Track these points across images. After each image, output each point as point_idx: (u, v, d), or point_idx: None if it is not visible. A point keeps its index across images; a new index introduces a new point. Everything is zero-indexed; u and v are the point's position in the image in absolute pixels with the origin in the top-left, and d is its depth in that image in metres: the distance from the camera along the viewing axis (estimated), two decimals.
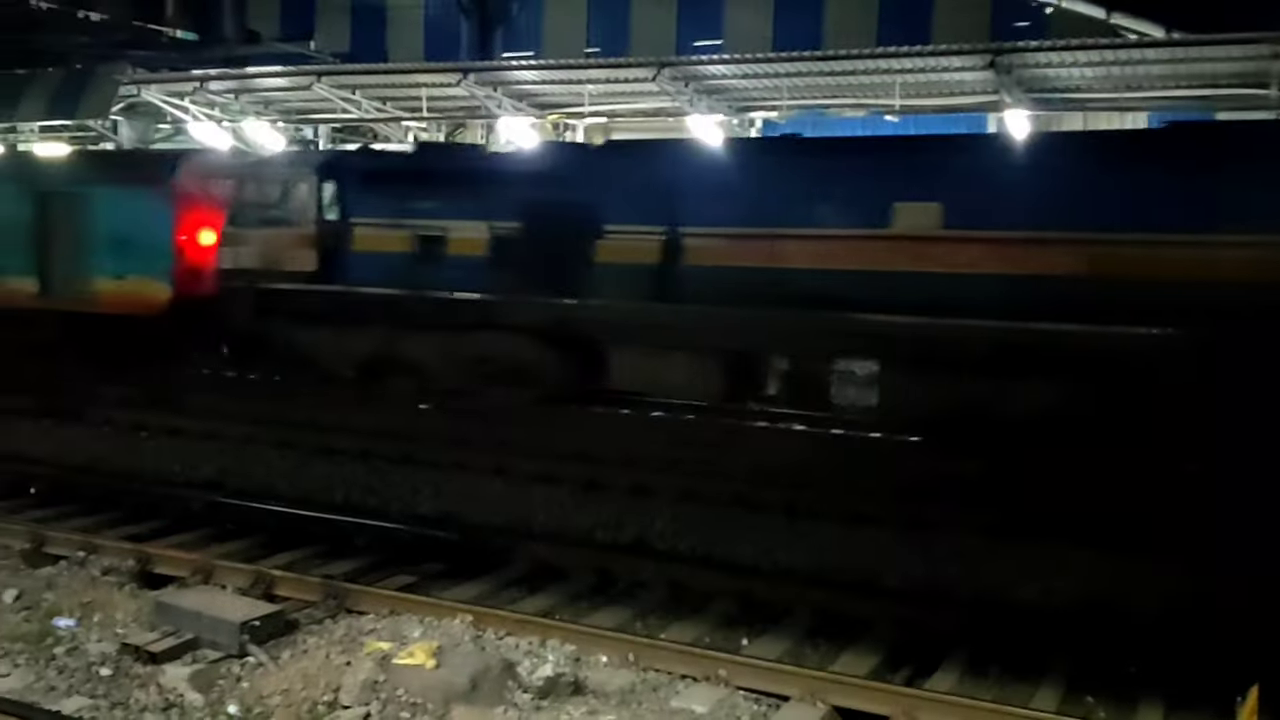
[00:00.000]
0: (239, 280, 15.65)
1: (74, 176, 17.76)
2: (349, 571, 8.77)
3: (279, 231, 15.53)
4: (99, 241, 16.52)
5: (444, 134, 27.68)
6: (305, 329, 15.18)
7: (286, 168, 16.20)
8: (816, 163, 12.79)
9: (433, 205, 14.64)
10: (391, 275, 14.51)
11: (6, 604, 8.10)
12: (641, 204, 13.25)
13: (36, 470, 11.88)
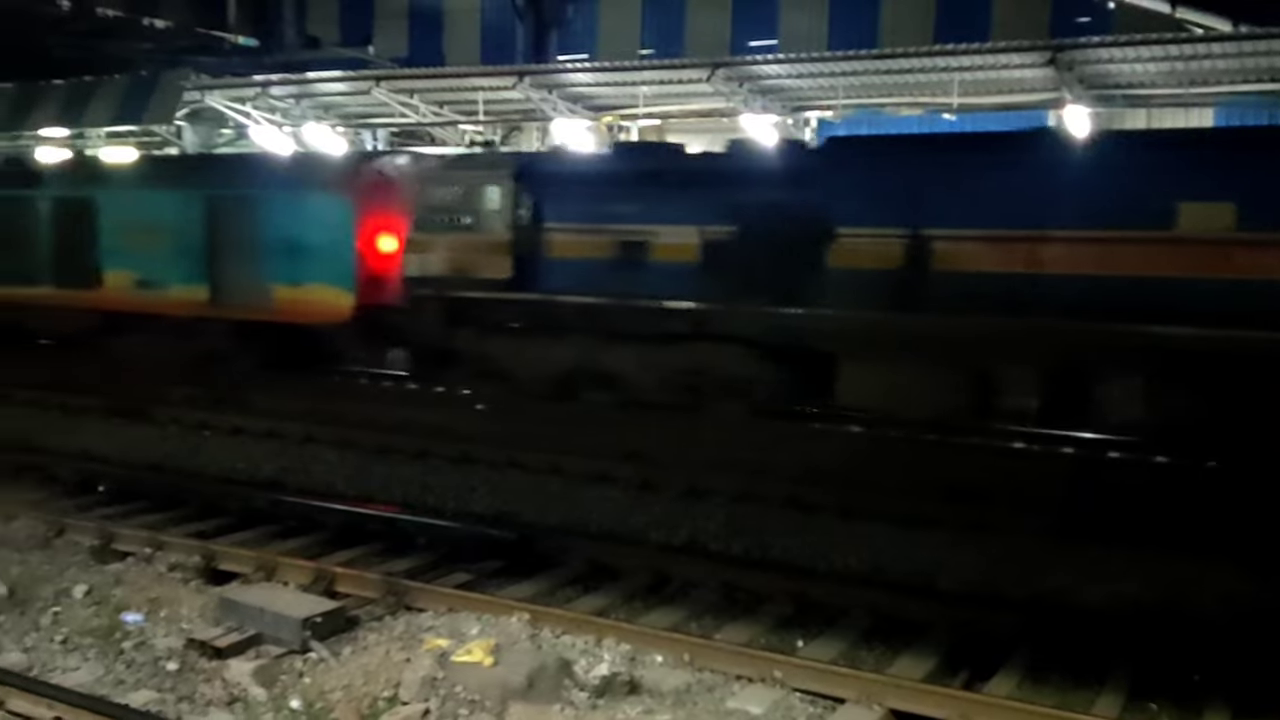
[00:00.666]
0: (425, 288, 14.98)
1: (246, 179, 17.45)
2: (408, 569, 8.88)
3: (469, 237, 14.82)
4: (274, 248, 16.14)
5: (500, 137, 27.86)
6: (498, 340, 14.52)
7: (477, 170, 15.46)
8: (1090, 158, 11.76)
9: (636, 208, 13.75)
10: (589, 283, 13.75)
11: (77, 599, 8.30)
12: (881, 203, 12.16)
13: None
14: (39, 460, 12.46)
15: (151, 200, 17.59)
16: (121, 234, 17.73)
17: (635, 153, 15.69)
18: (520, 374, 14.43)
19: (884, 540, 9.45)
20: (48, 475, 11.97)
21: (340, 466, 12.27)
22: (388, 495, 11.31)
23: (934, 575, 8.70)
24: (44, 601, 8.20)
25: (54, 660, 7.15)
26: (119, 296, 17.78)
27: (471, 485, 11.43)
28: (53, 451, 12.98)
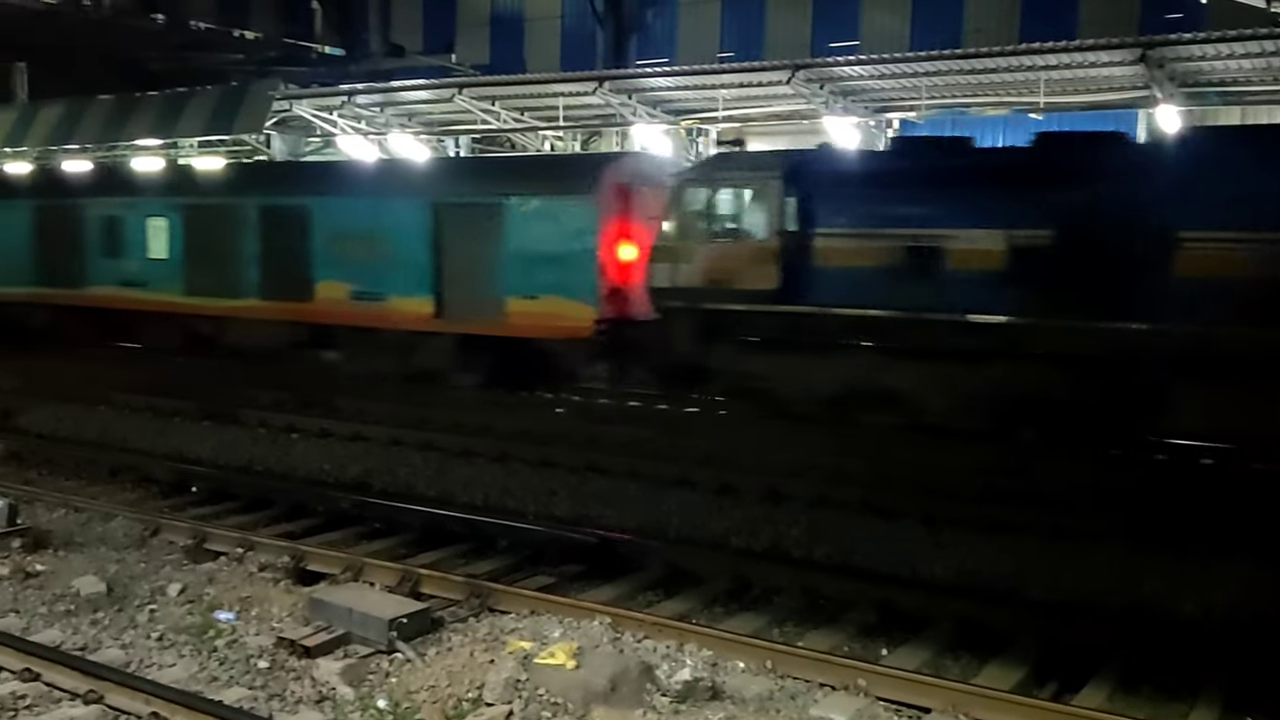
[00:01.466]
0: (675, 300, 14.01)
1: (477, 186, 16.74)
2: (491, 571, 8.97)
3: (729, 244, 13.77)
4: (508, 258, 15.38)
5: (579, 143, 28.02)
6: (760, 356, 13.40)
7: (739, 171, 14.31)
8: None
9: (926, 211, 12.55)
10: (868, 293, 12.57)
11: (171, 596, 8.53)
12: (1246, 203, 10.77)
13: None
14: (135, 461, 12.83)
15: (372, 208, 16.99)
16: (337, 243, 17.17)
17: (922, 148, 14.27)
18: (784, 393, 13.33)
19: (972, 547, 9.30)
20: (143, 476, 12.33)
21: (424, 469, 12.42)
22: (469, 497, 11.45)
23: (1022, 583, 8.54)
24: (141, 599, 8.44)
25: (151, 656, 7.34)
26: (332, 309, 17.23)
27: (552, 489, 11.50)
28: (147, 453, 13.36)
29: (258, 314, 18.23)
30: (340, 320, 17.30)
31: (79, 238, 20.42)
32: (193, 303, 18.99)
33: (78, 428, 14.75)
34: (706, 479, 11.41)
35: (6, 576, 8.77)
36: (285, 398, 16.08)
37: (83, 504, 10.91)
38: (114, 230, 20.07)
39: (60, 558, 9.35)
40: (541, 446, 12.88)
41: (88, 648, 7.42)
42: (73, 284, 20.52)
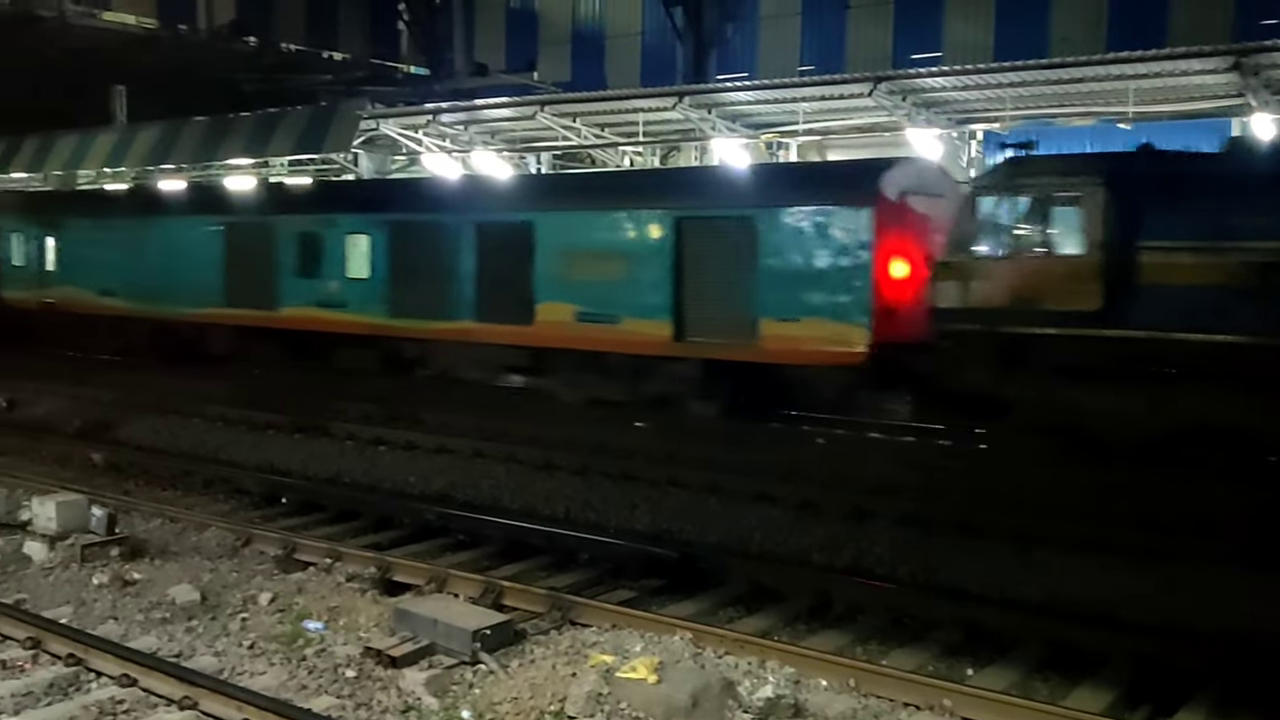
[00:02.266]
0: (966, 322, 12.48)
1: (726, 196, 15.38)
2: (572, 584, 9.03)
3: (1036, 259, 12.33)
4: (763, 275, 14.13)
5: (658, 158, 28.13)
6: (1074, 386, 11.83)
7: (1049, 177, 12.62)
8: None
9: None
10: (1215, 316, 11.01)
11: (262, 605, 8.72)
12: None
13: None
14: (228, 472, 13.17)
15: (604, 223, 15.85)
16: (563, 261, 16.09)
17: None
18: (1103, 428, 11.75)
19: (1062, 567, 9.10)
20: (236, 487, 12.66)
21: (506, 481, 12.56)
22: (551, 510, 11.54)
23: (1115, 605, 8.34)
24: (233, 607, 8.65)
25: (242, 664, 7.51)
26: (555, 332, 16.16)
27: (633, 502, 11.53)
28: (240, 464, 13.70)
29: (470, 337, 17.21)
30: (564, 344, 16.18)
31: (271, 257, 19.64)
32: (397, 325, 18.04)
33: (174, 439, 15.20)
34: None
35: (106, 584, 9.04)
36: (373, 410, 16.37)
37: (178, 514, 11.22)
38: (310, 248, 19.23)
39: (156, 566, 9.62)
40: (666, 467, 12.68)
41: (183, 655, 7.60)
42: (263, 305, 19.72)
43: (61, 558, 9.63)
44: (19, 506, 11.06)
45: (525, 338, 16.63)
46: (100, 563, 9.51)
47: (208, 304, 20.57)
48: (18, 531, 10.40)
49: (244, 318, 20.19)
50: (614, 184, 18.55)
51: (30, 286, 24.39)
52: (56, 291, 23.75)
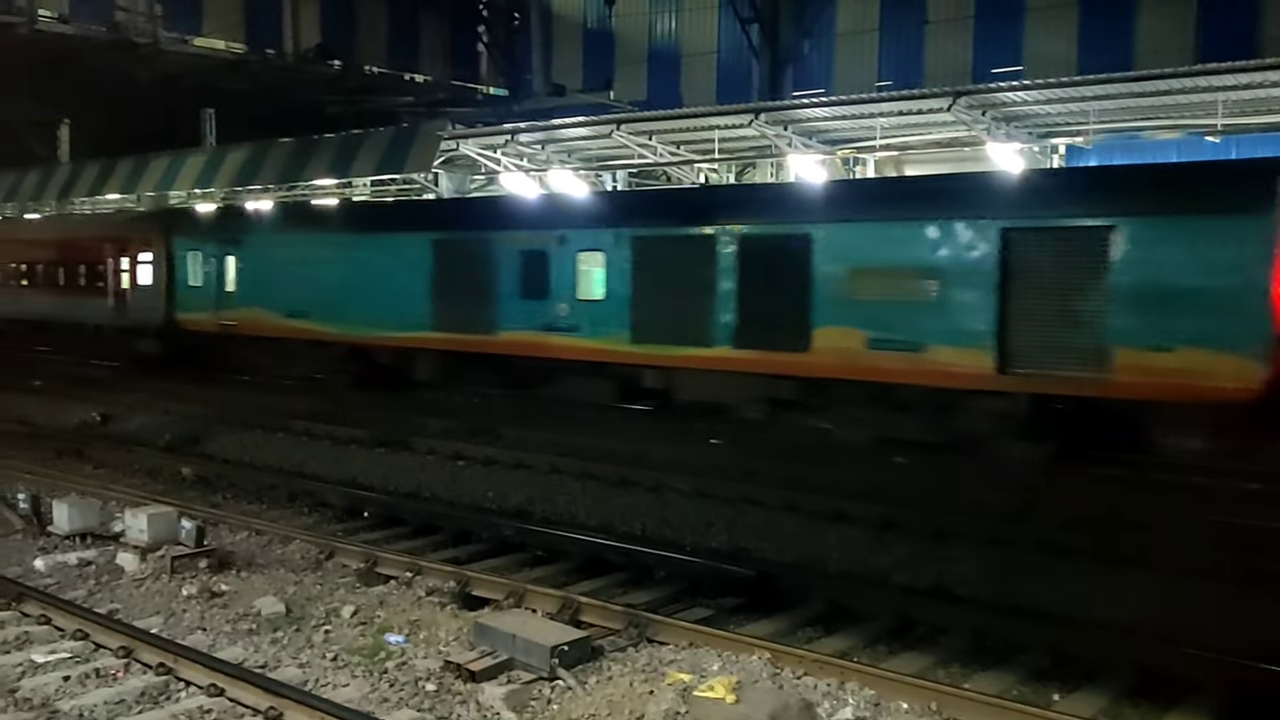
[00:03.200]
0: None
1: (1069, 203, 13.16)
2: (649, 601, 9.03)
3: None
4: (1118, 295, 12.19)
5: (733, 175, 28.12)
6: None
7: None
8: None
9: None
10: None
11: (345, 618, 8.86)
12: None
13: None
14: (312, 486, 13.42)
15: (905, 235, 13.88)
16: (849, 280, 14.26)
17: None
18: None
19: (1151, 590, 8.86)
20: (319, 501, 12.89)
21: (582, 498, 12.61)
22: (627, 527, 11.56)
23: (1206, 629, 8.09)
24: (316, 620, 8.80)
25: (326, 676, 7.63)
26: (839, 361, 14.28)
27: (708, 520, 11.50)
28: (323, 478, 13.96)
29: (728, 365, 15.45)
30: (849, 374, 14.30)
31: (489, 276, 18.17)
32: (638, 352, 16.41)
33: (259, 453, 15.53)
34: None
35: (194, 595, 9.27)
36: (453, 426, 16.55)
37: (264, 527, 11.46)
38: (535, 268, 17.67)
39: (243, 578, 9.83)
40: (739, 483, 12.61)
41: (268, 666, 7.76)
42: (478, 329, 18.27)
43: (152, 569, 9.90)
44: (112, 518, 11.41)
45: (798, 367, 14.75)
46: (189, 574, 9.75)
47: (412, 327, 19.19)
48: (111, 543, 10.72)
49: (455, 342, 18.78)
50: (917, 190, 16.45)
51: (208, 308, 22.96)
52: (238, 314, 22.30)
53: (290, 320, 21.22)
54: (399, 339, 19.56)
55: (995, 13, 31.59)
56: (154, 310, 24.35)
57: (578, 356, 17.15)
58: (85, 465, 15.18)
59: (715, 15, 37.39)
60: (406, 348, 19.61)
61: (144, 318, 24.70)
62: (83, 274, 26.84)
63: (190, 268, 23.62)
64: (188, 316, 23.63)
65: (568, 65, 40.54)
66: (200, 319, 23.26)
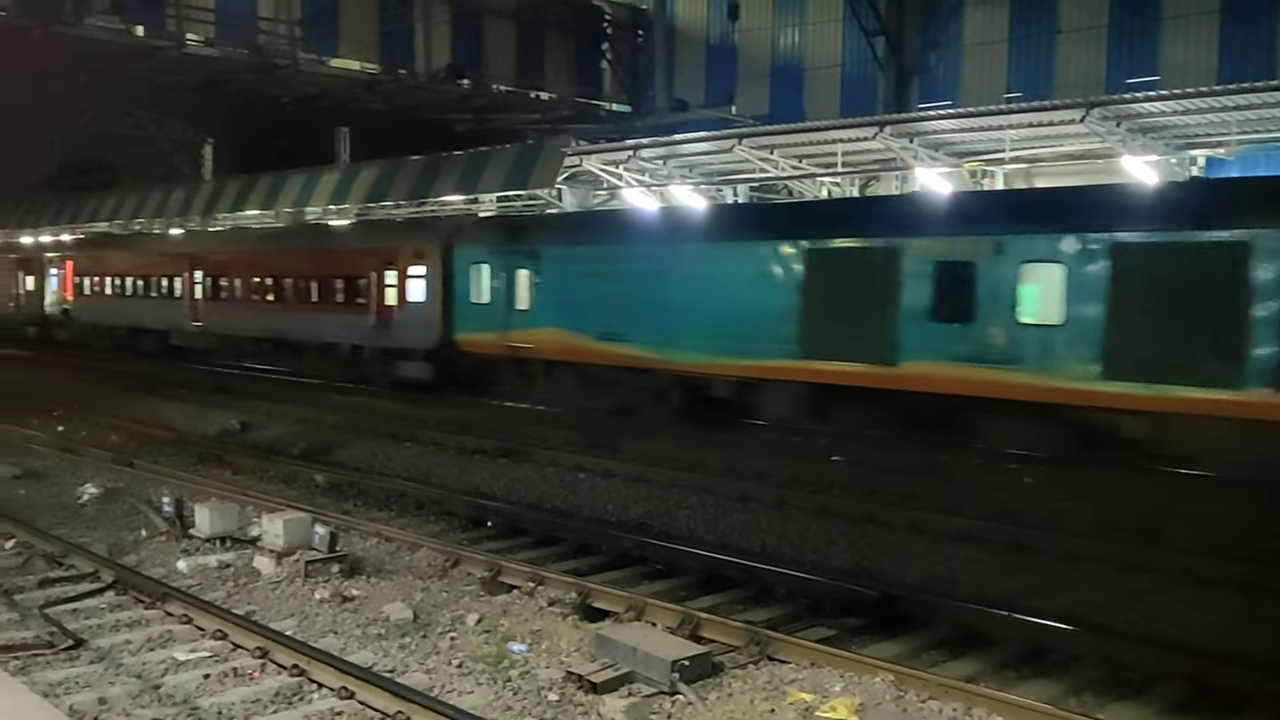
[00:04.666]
0: None
1: None
2: (770, 619, 8.98)
3: None
4: None
5: (856, 188, 27.83)
6: None
7: None
8: None
9: None
10: None
11: (470, 626, 9.02)
12: None
13: None
14: (438, 495, 13.72)
15: None
16: None
17: None
18: None
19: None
20: (445, 509, 13.17)
21: (701, 513, 12.61)
22: (746, 543, 11.52)
23: None
24: (442, 626, 8.98)
25: (451, 682, 7.77)
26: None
27: (830, 538, 11.38)
28: (449, 487, 14.25)
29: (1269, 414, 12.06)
30: None
31: (888, 292, 15.26)
32: (1114, 390, 13.22)
33: (388, 462, 15.96)
34: None
35: (327, 599, 9.56)
36: (574, 438, 16.73)
37: (392, 534, 11.75)
38: (955, 283, 14.69)
39: (372, 584, 10.10)
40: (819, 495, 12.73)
41: (396, 670, 7.94)
42: (869, 357, 15.39)
43: (287, 572, 10.24)
44: (250, 523, 11.86)
45: (1252, 410, 12.02)
46: (322, 579, 10.06)
47: (768, 354, 16.51)
48: (249, 546, 11.13)
49: (829, 374, 15.86)
50: None
51: (495, 328, 20.64)
52: (533, 334, 19.96)
53: (602, 343, 18.73)
54: (747, 368, 16.86)
55: (1130, 21, 30.62)
56: (426, 330, 22.19)
57: (1017, 396, 14.02)
58: (225, 471, 15.80)
59: (840, 29, 37.12)
60: (756, 379, 16.91)
61: (413, 338, 22.52)
62: (339, 289, 24.71)
63: (474, 282, 21.32)
64: (469, 337, 21.43)
65: (690, 80, 40.74)
66: (484, 340, 20.98)
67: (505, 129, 40.00)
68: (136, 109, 42.78)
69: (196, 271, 30.17)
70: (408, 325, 22.71)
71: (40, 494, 13.86)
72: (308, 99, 38.45)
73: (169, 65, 34.87)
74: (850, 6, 35.15)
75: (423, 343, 22.32)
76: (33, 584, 9.89)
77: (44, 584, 9.91)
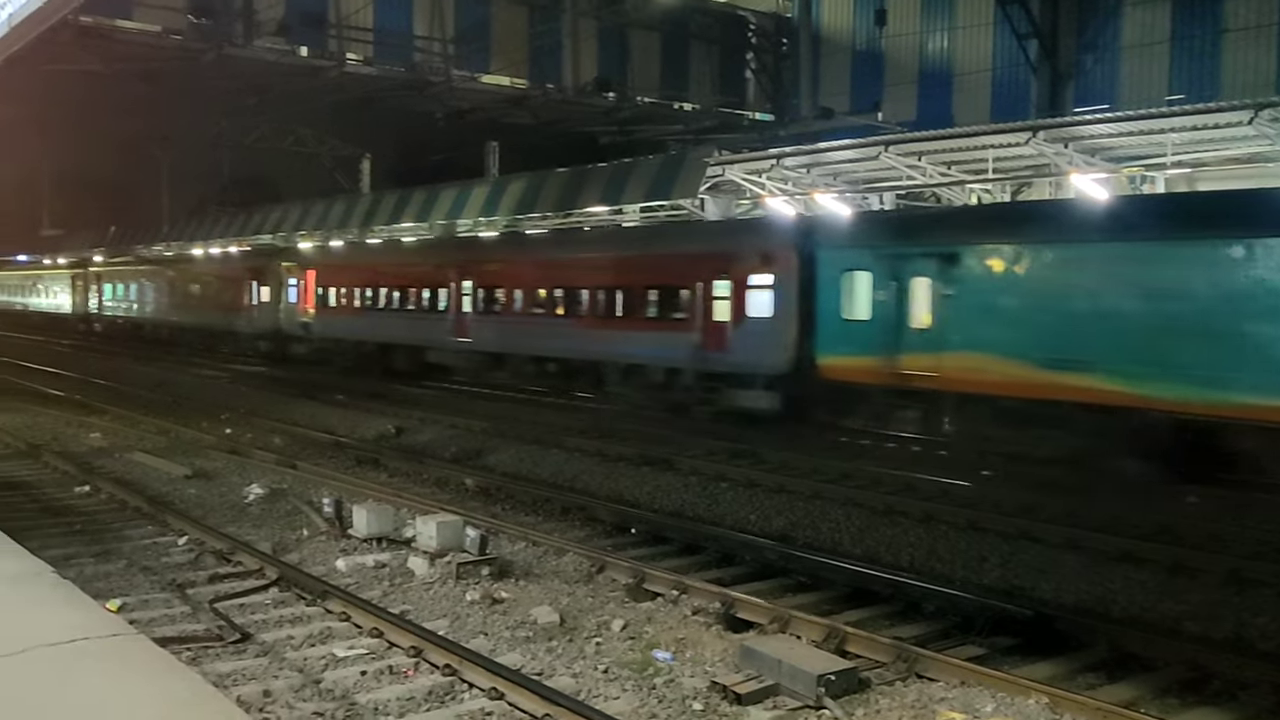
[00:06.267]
0: None
1: None
2: (918, 636, 8.82)
3: None
4: None
5: (1007, 194, 27.12)
6: None
7: None
8: None
9: None
10: None
11: (615, 632, 9.13)
12: None
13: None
14: (583, 501, 13.92)
15: None
16: None
17: None
18: None
19: None
20: (590, 515, 13.35)
21: (846, 525, 12.46)
22: (893, 557, 11.33)
23: None
24: (588, 631, 9.12)
25: (597, 687, 7.88)
26: None
27: (981, 555, 11.11)
28: (594, 494, 14.44)
29: None
30: None
31: None
32: None
33: (535, 467, 16.26)
34: None
35: (477, 601, 9.81)
36: (715, 447, 16.75)
37: (539, 538, 11.96)
38: None
39: (520, 587, 10.32)
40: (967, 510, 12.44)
41: (544, 673, 8.09)
42: None
43: (440, 574, 10.55)
44: (404, 524, 12.25)
45: None
46: (473, 580, 10.33)
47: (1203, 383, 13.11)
48: (403, 547, 11.49)
49: None
50: None
51: (877, 351, 16.73)
52: (940, 361, 15.96)
53: (1051, 373, 14.63)
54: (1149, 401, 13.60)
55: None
56: (772, 352, 18.35)
57: None
58: (381, 473, 16.36)
59: (990, 32, 36.32)
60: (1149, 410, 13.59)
61: (754, 361, 18.70)
62: (652, 302, 21.05)
63: (847, 294, 17.54)
64: (836, 362, 17.57)
65: (835, 88, 40.46)
66: (859, 366, 17.09)
67: (649, 140, 40.43)
68: (299, 126, 44.82)
69: (465, 281, 26.46)
70: (746, 345, 18.81)
71: (210, 493, 14.60)
72: (459, 114, 39.61)
73: (330, 84, 36.38)
74: (1002, 10, 34.32)
75: (767, 367, 18.54)
76: (203, 579, 10.44)
77: (213, 579, 10.44)
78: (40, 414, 22.08)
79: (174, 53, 33.21)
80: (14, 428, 19.90)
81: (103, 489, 14.55)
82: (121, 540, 11.92)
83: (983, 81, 36.37)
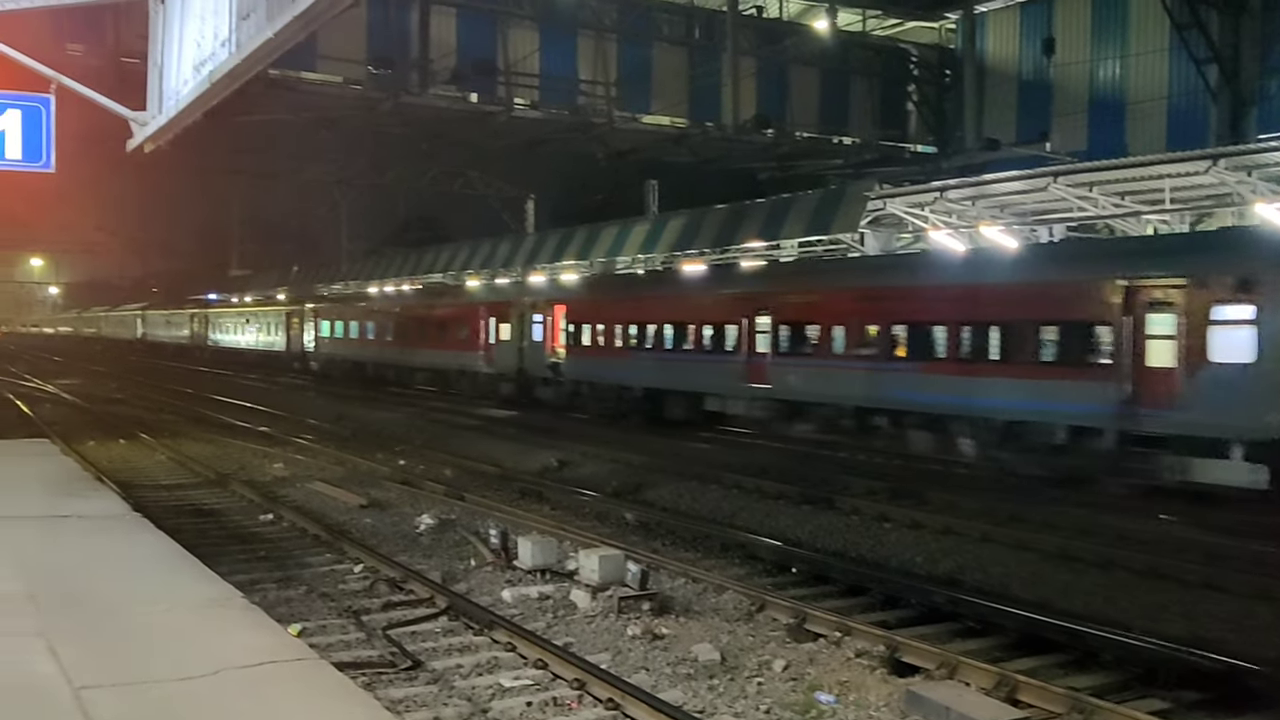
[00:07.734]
0: None
1: None
2: (1095, 686, 8.46)
3: None
4: None
5: (1186, 225, 25.93)
6: None
7: None
8: None
9: None
10: None
11: (776, 672, 9.06)
12: None
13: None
14: (743, 538, 13.87)
15: None
16: None
17: None
18: None
19: None
20: (750, 553, 13.30)
21: (1017, 569, 12.06)
22: (1067, 603, 10.89)
23: None
24: (749, 670, 9.07)
25: None
26: None
27: (1162, 603, 10.58)
28: (754, 531, 14.37)
29: None
30: None
31: None
32: None
33: (694, 503, 16.30)
34: None
35: (638, 636, 9.87)
36: (878, 486, 16.47)
37: (699, 575, 11.96)
38: None
39: (681, 623, 10.34)
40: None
41: (705, 711, 8.10)
42: None
43: (601, 607, 10.67)
44: (566, 556, 12.46)
45: None
46: (634, 615, 10.41)
47: None
48: (566, 580, 11.68)
49: None
50: None
51: None
52: None
53: None
54: None
55: None
56: (1248, 409, 14.20)
57: None
58: (544, 506, 16.66)
59: (1165, 58, 34.94)
60: None
61: (1215, 420, 14.50)
62: (1046, 343, 16.89)
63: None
64: None
65: (1001, 119, 39.50)
66: None
67: (808, 175, 40.28)
68: (469, 169, 46.47)
69: (761, 317, 22.62)
70: (1210, 399, 14.65)
71: (383, 523, 15.16)
72: (620, 154, 40.34)
73: (498, 129, 37.59)
74: (1179, 35, 32.96)
75: (1238, 430, 14.39)
76: (377, 606, 10.83)
77: (386, 606, 10.83)
78: (228, 445, 23.36)
79: (354, 102, 34.91)
80: (205, 457, 21.12)
81: (285, 517, 15.28)
82: (302, 567, 12.49)
83: (1158, 109, 34.98)
